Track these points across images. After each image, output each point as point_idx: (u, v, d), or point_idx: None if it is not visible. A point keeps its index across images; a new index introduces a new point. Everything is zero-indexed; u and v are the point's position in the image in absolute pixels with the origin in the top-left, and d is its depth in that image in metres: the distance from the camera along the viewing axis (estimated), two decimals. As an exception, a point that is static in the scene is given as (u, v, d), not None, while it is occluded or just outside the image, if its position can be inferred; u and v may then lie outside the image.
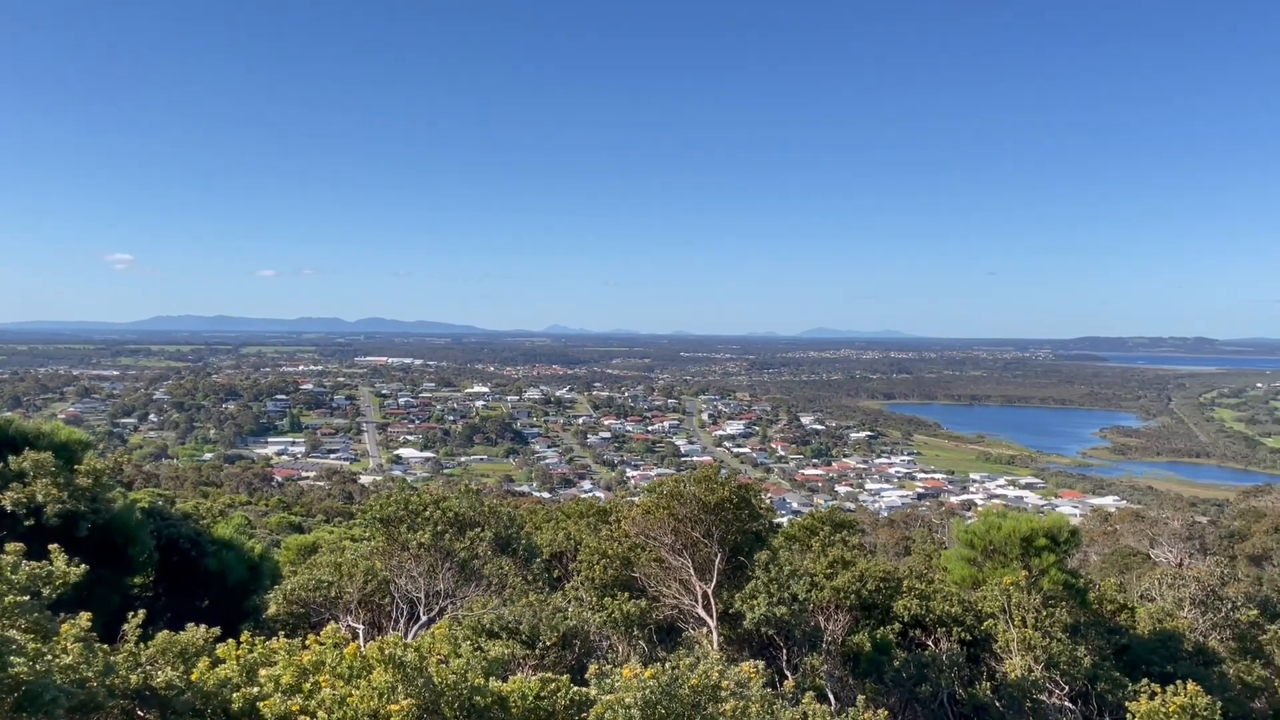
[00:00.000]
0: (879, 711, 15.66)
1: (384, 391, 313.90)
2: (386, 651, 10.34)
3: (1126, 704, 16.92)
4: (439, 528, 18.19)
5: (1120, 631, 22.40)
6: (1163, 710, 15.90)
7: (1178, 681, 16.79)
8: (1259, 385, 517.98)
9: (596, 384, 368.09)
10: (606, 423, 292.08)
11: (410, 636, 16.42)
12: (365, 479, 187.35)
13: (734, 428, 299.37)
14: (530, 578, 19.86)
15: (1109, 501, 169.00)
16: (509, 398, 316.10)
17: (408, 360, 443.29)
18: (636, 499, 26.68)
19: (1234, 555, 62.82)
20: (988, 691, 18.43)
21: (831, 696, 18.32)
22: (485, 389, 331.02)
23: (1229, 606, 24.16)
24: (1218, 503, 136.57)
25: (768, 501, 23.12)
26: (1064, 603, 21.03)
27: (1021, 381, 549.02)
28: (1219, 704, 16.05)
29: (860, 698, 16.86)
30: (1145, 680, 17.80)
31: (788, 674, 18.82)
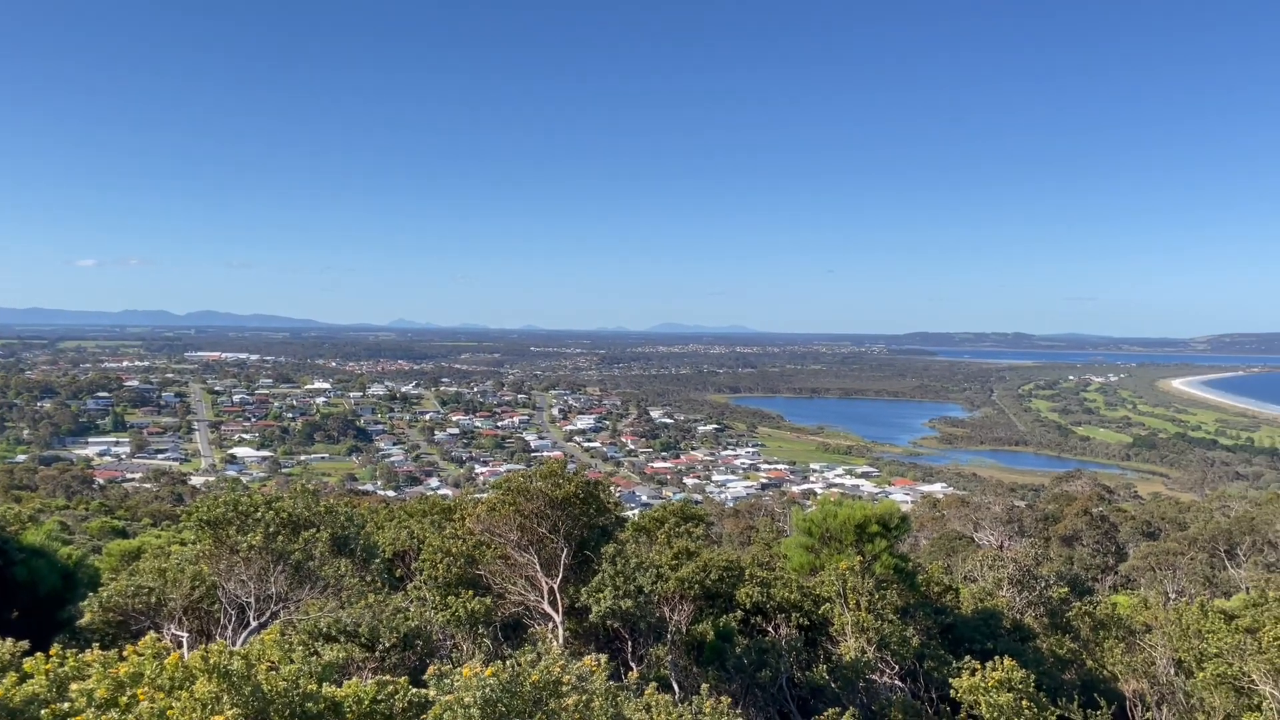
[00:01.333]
0: (721, 699, 15.98)
1: (217, 388, 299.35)
2: (211, 660, 9.80)
3: (951, 680, 17.82)
4: (271, 529, 17.43)
5: (946, 611, 23.61)
6: (982, 685, 16.84)
7: (996, 657, 17.83)
8: (1071, 378, 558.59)
9: (444, 379, 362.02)
10: (455, 419, 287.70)
11: (239, 643, 15.67)
12: (197, 480, 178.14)
13: (584, 422, 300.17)
14: (369, 578, 19.29)
15: (937, 488, 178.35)
16: (352, 394, 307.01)
17: (243, 355, 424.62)
18: (482, 495, 26.33)
19: (1048, 537, 67.32)
20: (824, 674, 19.08)
21: (675, 686, 18.58)
22: (327, 385, 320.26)
23: (1043, 585, 25.87)
24: (1034, 488, 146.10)
25: (615, 495, 23.25)
26: (895, 586, 22.01)
27: (858, 375, 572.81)
28: (1032, 677, 17.13)
29: (704, 686, 17.19)
30: (968, 657, 18.78)
31: (633, 665, 18.97)
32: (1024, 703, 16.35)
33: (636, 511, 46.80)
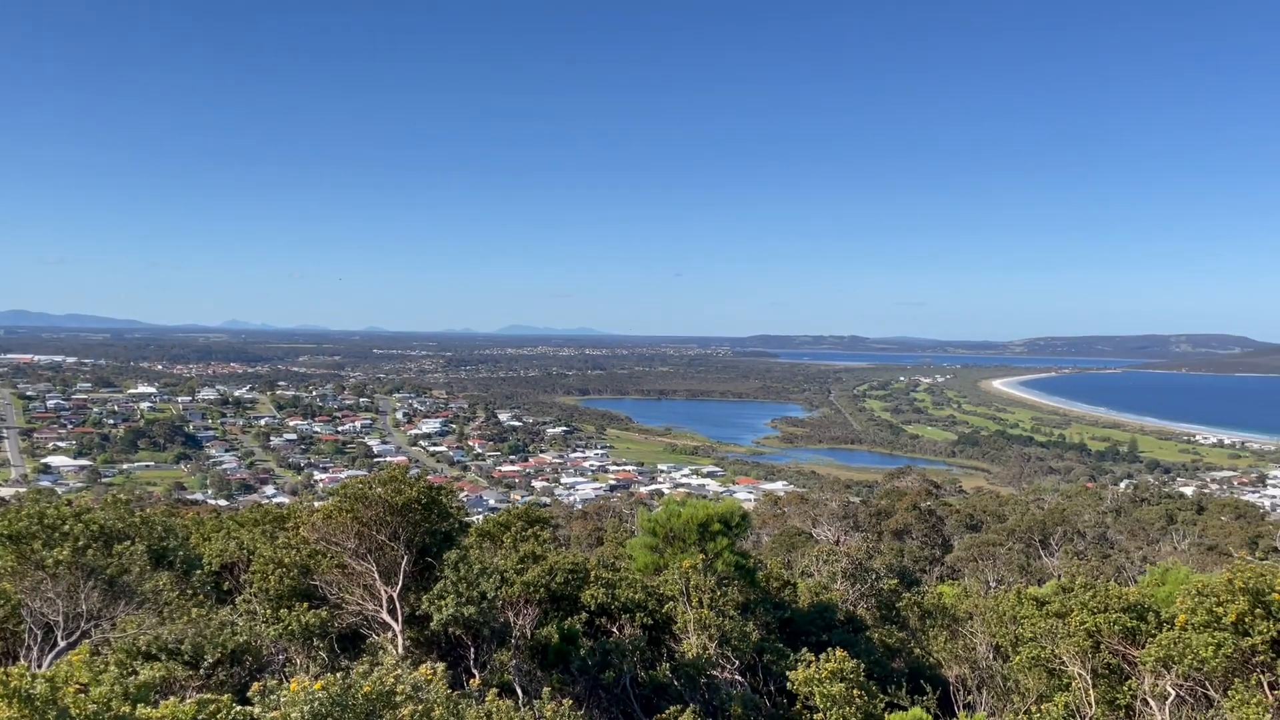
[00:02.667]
0: (564, 701, 15.92)
1: (29, 393, 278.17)
2: (11, 684, 9.05)
3: (788, 672, 18.33)
4: (81, 543, 16.22)
5: (784, 606, 24.29)
6: (817, 677, 17.40)
7: (831, 648, 18.47)
8: (902, 379, 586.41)
9: (281, 383, 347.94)
10: (292, 423, 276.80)
11: (45, 665, 14.54)
12: (5, 491, 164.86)
13: (430, 426, 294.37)
14: (192, 592, 18.24)
15: (779, 486, 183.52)
16: (180, 398, 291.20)
17: (59, 358, 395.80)
18: (319, 503, 25.37)
19: (881, 531, 70.25)
20: (667, 672, 19.28)
21: (519, 690, 18.39)
22: (152, 389, 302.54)
23: (874, 577, 27.00)
24: (869, 484, 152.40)
25: (460, 500, 22.83)
26: (736, 583, 22.49)
27: (704, 377, 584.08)
28: (863, 666, 17.82)
29: (546, 689, 17.08)
30: (804, 649, 19.37)
31: (475, 672, 18.66)
32: (855, 692, 16.97)
33: (481, 516, 46.19)
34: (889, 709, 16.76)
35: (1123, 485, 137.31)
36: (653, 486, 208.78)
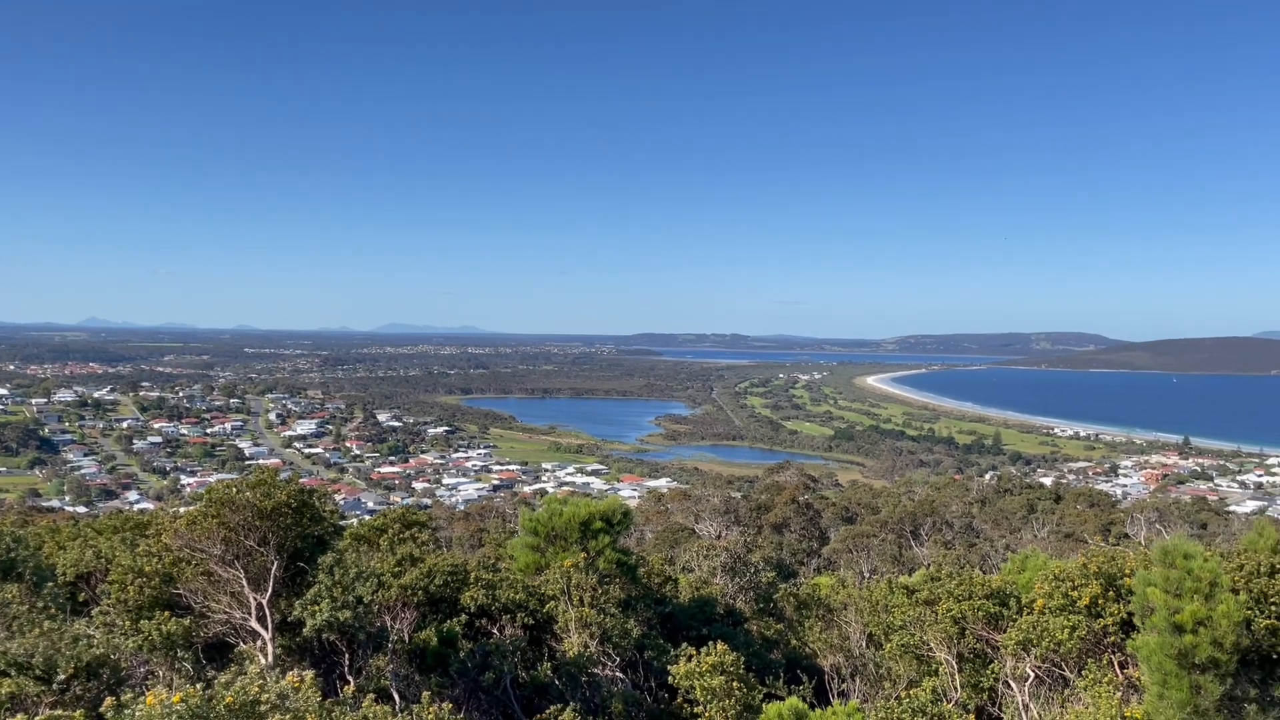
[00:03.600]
0: (443, 705, 15.66)
1: None
2: None
3: (669, 667, 18.47)
4: (-85, 556, 15.12)
5: (666, 601, 24.49)
6: (697, 670, 17.60)
7: (711, 642, 18.70)
8: (781, 376, 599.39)
9: (145, 383, 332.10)
10: (157, 426, 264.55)
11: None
12: None
13: (305, 427, 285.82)
14: (43, 604, 17.21)
15: (662, 483, 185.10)
16: (35, 400, 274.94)
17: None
18: (184, 509, 24.29)
19: (761, 525, 71.60)
20: (548, 671, 19.18)
21: (396, 695, 18.01)
22: (3, 390, 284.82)
23: (752, 571, 27.48)
24: (749, 479, 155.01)
25: (334, 503, 22.19)
26: (618, 580, 22.54)
27: (589, 375, 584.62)
28: (742, 659, 18.10)
29: (425, 693, 16.77)
30: (685, 644, 19.56)
31: (350, 678, 18.18)
32: (734, 684, 17.23)
33: (357, 519, 45.09)
34: (767, 699, 17.04)
35: (988, 477, 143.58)
36: (537, 486, 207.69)
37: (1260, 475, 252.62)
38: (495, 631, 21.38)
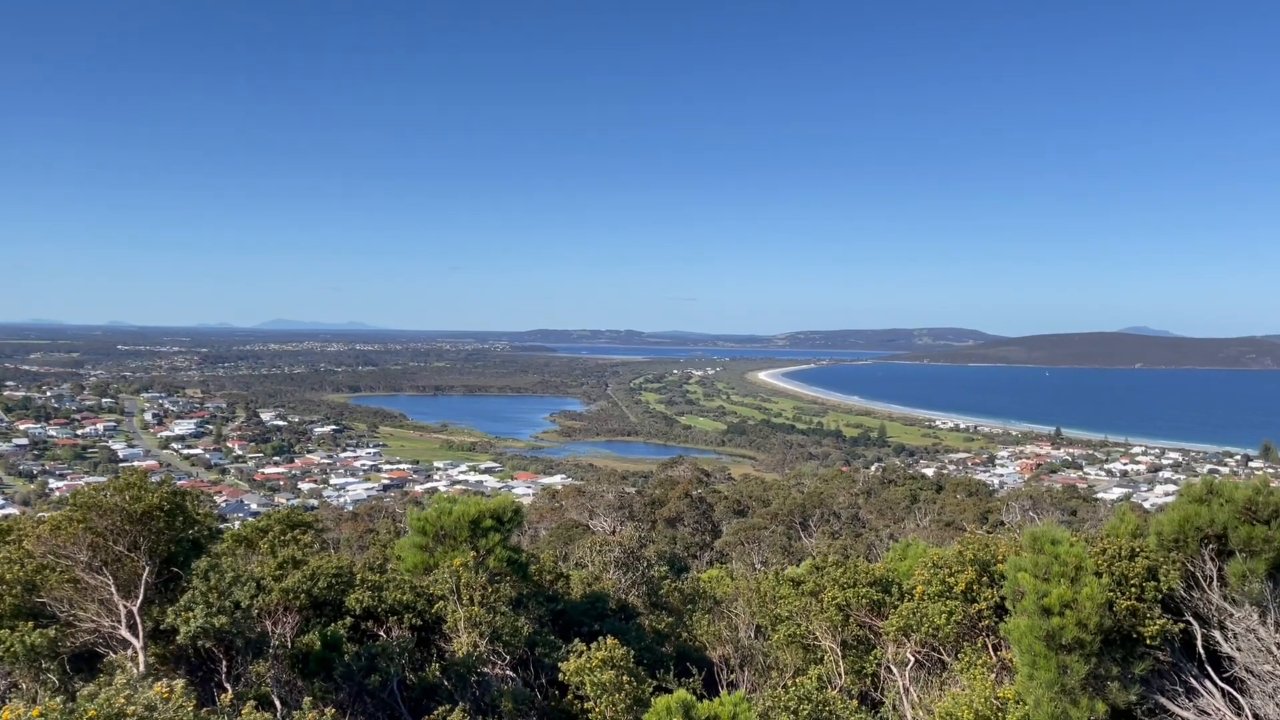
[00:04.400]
0: (326, 709, 15.26)
1: None
2: None
3: (560, 664, 18.42)
4: None
5: (558, 598, 24.41)
6: (588, 666, 17.60)
7: (602, 637, 18.73)
8: (675, 372, 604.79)
9: (9, 382, 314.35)
10: (23, 427, 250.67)
11: None
12: None
13: (184, 427, 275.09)
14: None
15: (557, 480, 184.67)
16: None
17: None
18: (49, 514, 23.05)
19: (654, 520, 72.02)
20: (437, 672, 18.91)
21: (278, 702, 17.47)
22: None
23: (644, 565, 27.63)
24: (644, 475, 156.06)
25: (212, 505, 21.45)
26: (509, 578, 22.35)
27: (482, 372, 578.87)
28: (632, 653, 18.18)
29: (306, 699, 16.33)
30: (576, 640, 19.52)
31: (228, 686, 17.56)
32: (624, 678, 17.30)
33: (239, 522, 43.60)
34: (657, 692, 17.15)
35: (873, 468, 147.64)
36: (429, 485, 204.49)
37: (1125, 464, 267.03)
38: (382, 634, 20.95)
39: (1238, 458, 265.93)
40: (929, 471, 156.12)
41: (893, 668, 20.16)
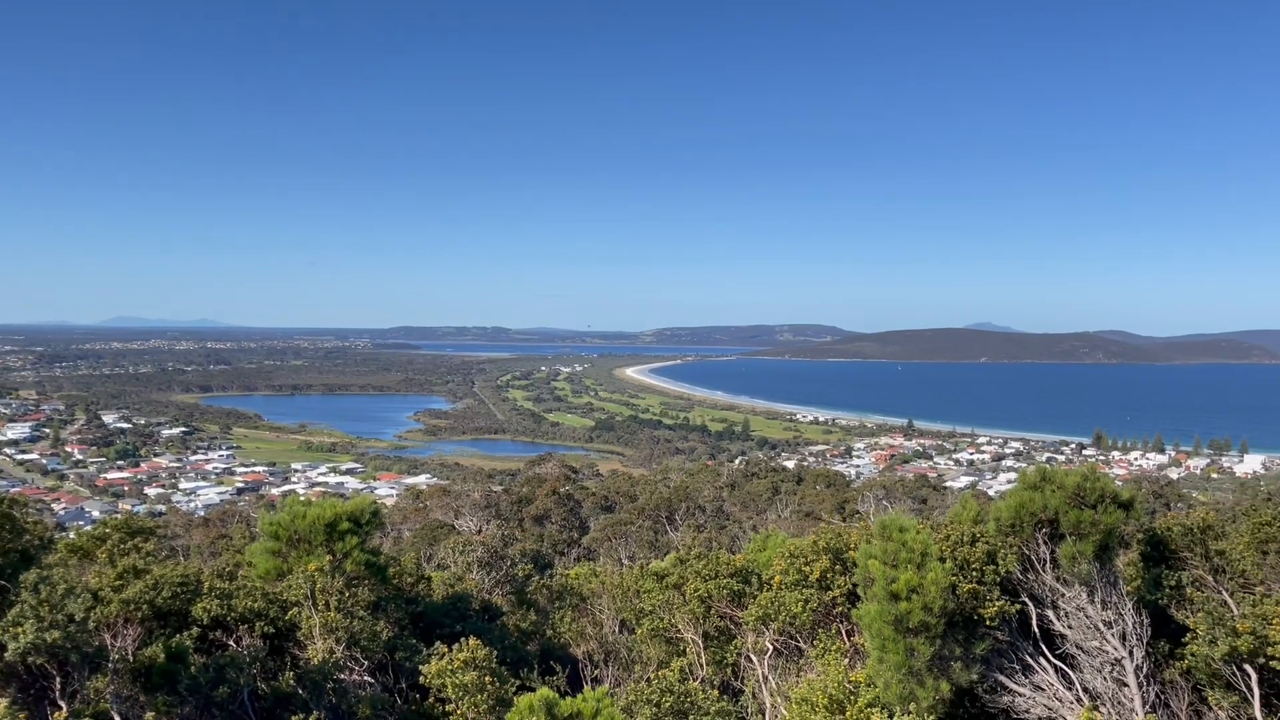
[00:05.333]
0: (170, 725, 14.56)
1: None
2: None
3: (421, 667, 18.09)
4: None
5: (418, 601, 23.95)
6: (449, 667, 17.34)
7: (464, 639, 18.48)
8: (543, 369, 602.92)
9: None
10: None
11: None
12: None
13: (18, 431, 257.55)
14: None
15: (422, 480, 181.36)
16: None
17: None
18: None
19: (522, 518, 71.65)
20: (290, 681, 18.27)
21: (117, 718, 16.57)
22: None
23: (509, 564, 27.42)
24: (511, 473, 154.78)
25: (44, 513, 20.10)
26: (367, 581, 21.78)
27: (342, 370, 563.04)
28: (495, 653, 18.01)
29: (149, 714, 15.56)
30: (438, 642, 19.20)
31: (62, 704, 16.52)
32: (486, 679, 17.11)
33: (74, 531, 41.10)
34: (520, 692, 17.05)
35: (737, 462, 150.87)
36: (286, 487, 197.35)
37: (972, 453, 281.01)
38: (232, 643, 20.10)
39: (1073, 446, 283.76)
40: (790, 464, 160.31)
41: (752, 656, 20.63)
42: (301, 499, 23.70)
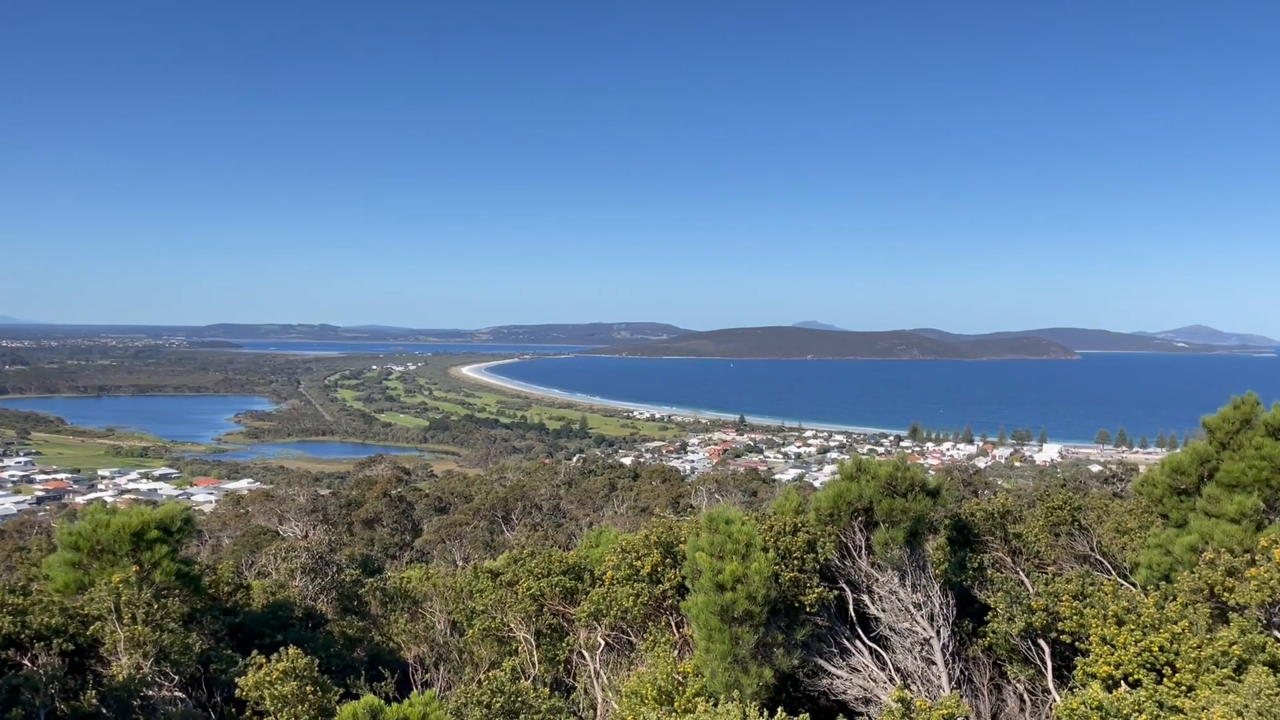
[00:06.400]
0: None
1: None
2: None
3: (237, 679, 17.30)
4: None
5: (236, 611, 22.87)
6: (267, 678, 16.66)
7: (283, 648, 17.78)
8: (375, 368, 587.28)
9: None
10: None
11: None
12: None
13: None
14: None
15: (243, 485, 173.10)
16: None
17: None
18: None
19: (351, 522, 69.62)
20: (93, 700, 17.10)
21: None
22: None
23: (335, 570, 26.54)
24: (340, 475, 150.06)
25: None
26: (179, 592, 20.63)
27: (155, 370, 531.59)
28: (317, 661, 17.42)
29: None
30: (255, 653, 18.41)
31: None
32: (308, 688, 16.54)
33: None
34: (345, 699, 16.53)
35: (575, 459, 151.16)
36: (93, 495, 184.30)
37: (799, 446, 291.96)
38: (26, 663, 18.65)
39: (891, 438, 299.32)
40: (627, 460, 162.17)
41: (584, 652, 20.75)
42: (106, 507, 22.21)
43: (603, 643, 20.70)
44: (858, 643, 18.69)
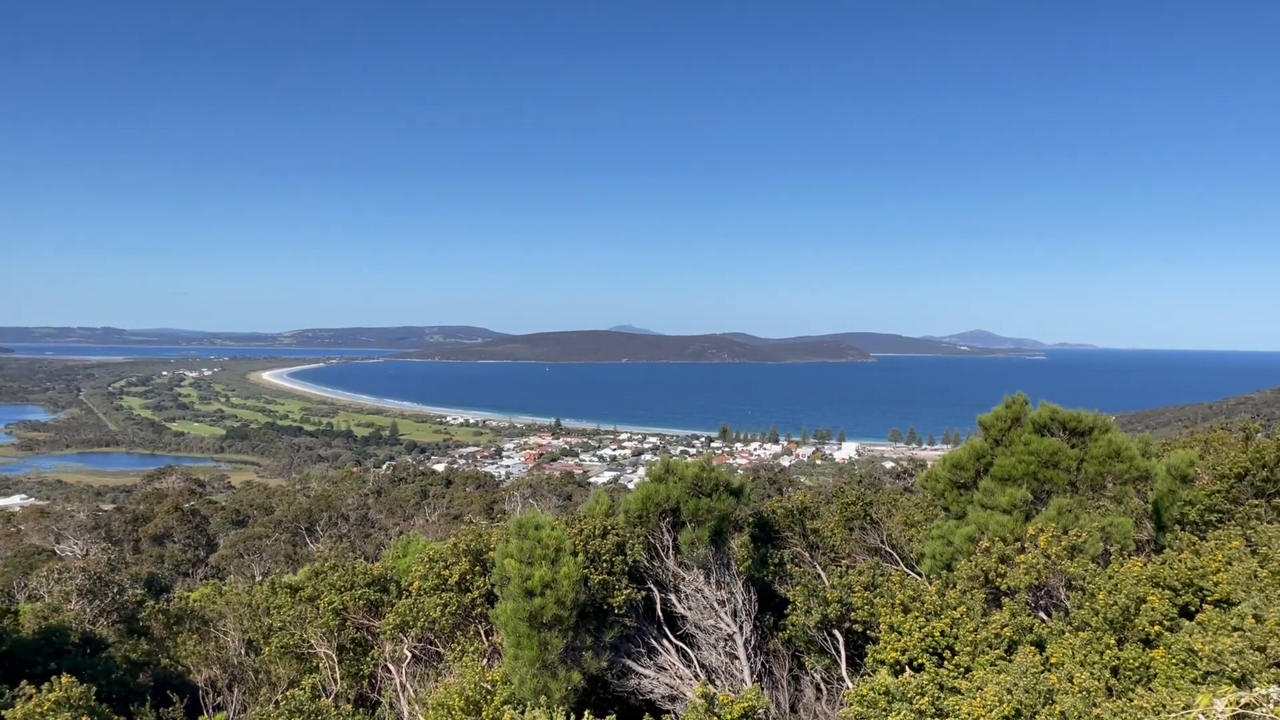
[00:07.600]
0: None
1: None
2: None
3: (4, 713, 15.85)
4: None
5: (3, 638, 20.93)
6: (38, 710, 15.32)
7: (57, 676, 16.41)
8: (165, 373, 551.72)
9: None
10: None
11: None
12: None
13: None
14: None
15: (15, 501, 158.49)
16: None
17: None
18: None
19: (138, 538, 65.25)
20: None
21: None
22: None
23: (116, 590, 24.71)
24: (126, 489, 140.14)
25: None
26: (-70, 623, 18.68)
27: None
28: (94, 689, 16.17)
29: None
30: (25, 682, 16.93)
31: None
32: (84, 718, 15.33)
33: None
34: (126, 730, 15.46)
35: (384, 467, 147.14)
36: None
37: (615, 449, 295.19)
38: None
39: (703, 439, 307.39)
40: (440, 467, 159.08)
41: (390, 666, 20.19)
42: None
43: (409, 655, 20.20)
44: (665, 641, 19.06)
